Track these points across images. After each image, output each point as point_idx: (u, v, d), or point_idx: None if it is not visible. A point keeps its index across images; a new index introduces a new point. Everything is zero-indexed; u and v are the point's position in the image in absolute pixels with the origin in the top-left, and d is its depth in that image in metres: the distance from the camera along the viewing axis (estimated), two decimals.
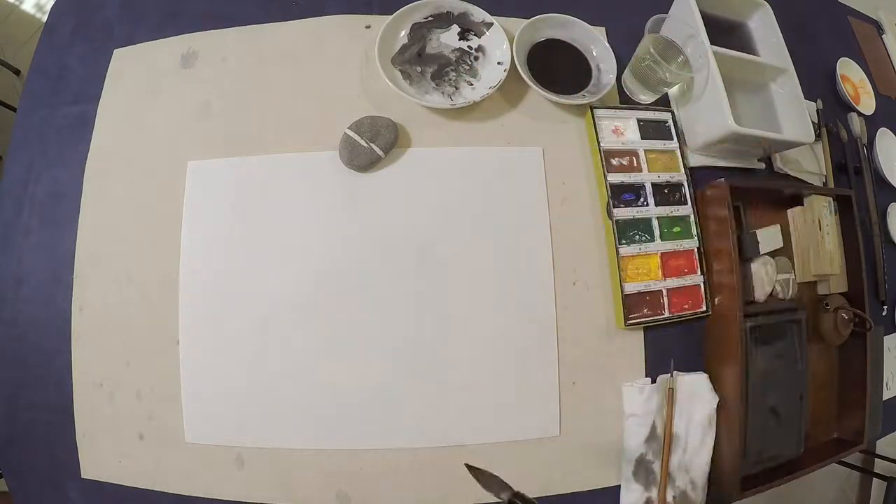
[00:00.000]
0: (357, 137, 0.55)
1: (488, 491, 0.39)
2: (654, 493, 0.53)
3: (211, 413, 0.53)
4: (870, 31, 0.88)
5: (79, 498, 0.54)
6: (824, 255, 0.60)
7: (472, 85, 0.59)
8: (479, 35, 0.62)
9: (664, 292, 0.56)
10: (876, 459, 1.26)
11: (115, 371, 0.54)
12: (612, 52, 0.61)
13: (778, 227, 0.62)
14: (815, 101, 0.72)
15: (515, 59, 0.58)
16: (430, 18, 0.61)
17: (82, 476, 0.54)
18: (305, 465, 0.52)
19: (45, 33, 0.67)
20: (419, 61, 0.60)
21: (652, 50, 0.56)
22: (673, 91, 0.64)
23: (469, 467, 0.40)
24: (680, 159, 0.61)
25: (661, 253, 0.57)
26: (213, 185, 0.57)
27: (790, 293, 0.60)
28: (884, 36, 0.89)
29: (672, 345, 0.57)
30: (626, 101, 0.63)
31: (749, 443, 0.54)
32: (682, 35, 0.59)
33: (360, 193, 0.56)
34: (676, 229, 0.58)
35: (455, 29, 0.62)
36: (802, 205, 0.62)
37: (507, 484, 0.38)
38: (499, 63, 0.60)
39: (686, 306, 0.57)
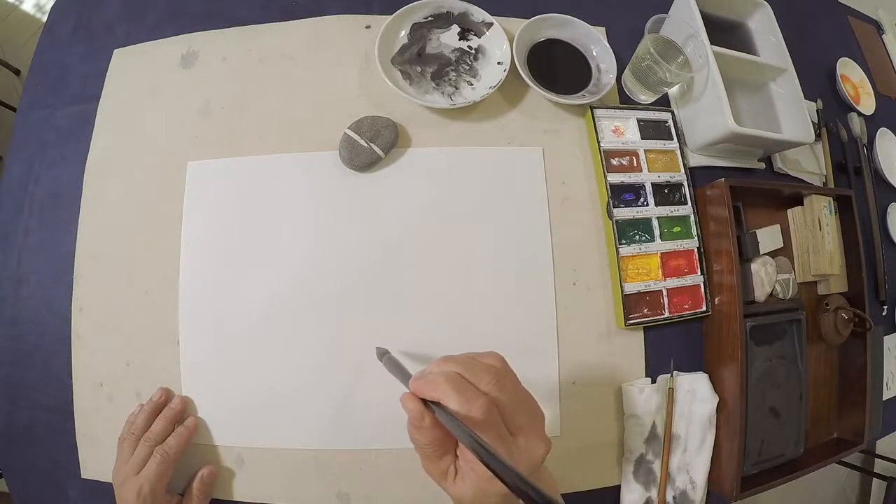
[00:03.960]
0: (357, 137, 0.55)
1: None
2: (654, 493, 0.53)
3: (211, 413, 0.53)
4: (870, 31, 0.88)
5: (79, 498, 0.54)
6: (824, 255, 0.60)
7: (472, 85, 0.59)
8: (479, 35, 0.62)
9: (664, 292, 0.56)
10: (876, 459, 1.27)
11: (115, 371, 0.54)
12: (612, 52, 0.61)
13: (778, 227, 0.62)
14: (815, 101, 0.72)
15: (515, 59, 0.58)
16: (430, 18, 0.61)
17: (82, 476, 0.54)
18: (305, 465, 0.52)
19: (45, 33, 0.67)
20: (419, 61, 0.60)
21: (652, 50, 0.56)
22: (673, 91, 0.64)
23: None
24: (680, 159, 0.61)
25: (662, 253, 0.57)
26: (213, 185, 0.57)
27: (790, 293, 0.60)
28: (884, 36, 0.89)
29: (672, 345, 0.57)
30: (626, 101, 0.63)
31: (749, 443, 0.54)
32: (682, 35, 0.59)
33: (360, 193, 0.56)
34: (676, 229, 0.58)
35: (455, 29, 0.62)
36: (802, 205, 0.62)
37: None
38: (499, 63, 0.60)
39: (686, 306, 0.57)
